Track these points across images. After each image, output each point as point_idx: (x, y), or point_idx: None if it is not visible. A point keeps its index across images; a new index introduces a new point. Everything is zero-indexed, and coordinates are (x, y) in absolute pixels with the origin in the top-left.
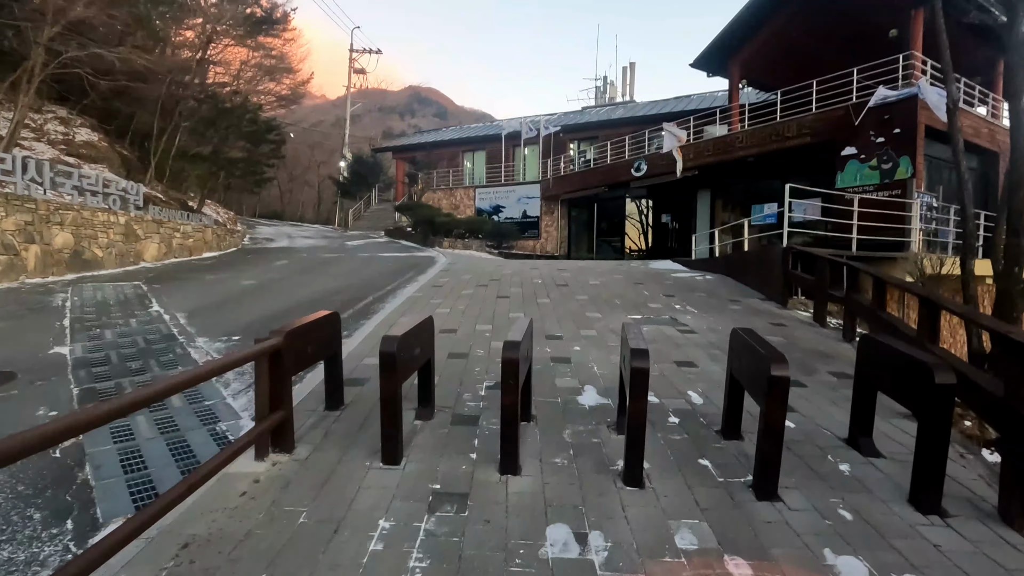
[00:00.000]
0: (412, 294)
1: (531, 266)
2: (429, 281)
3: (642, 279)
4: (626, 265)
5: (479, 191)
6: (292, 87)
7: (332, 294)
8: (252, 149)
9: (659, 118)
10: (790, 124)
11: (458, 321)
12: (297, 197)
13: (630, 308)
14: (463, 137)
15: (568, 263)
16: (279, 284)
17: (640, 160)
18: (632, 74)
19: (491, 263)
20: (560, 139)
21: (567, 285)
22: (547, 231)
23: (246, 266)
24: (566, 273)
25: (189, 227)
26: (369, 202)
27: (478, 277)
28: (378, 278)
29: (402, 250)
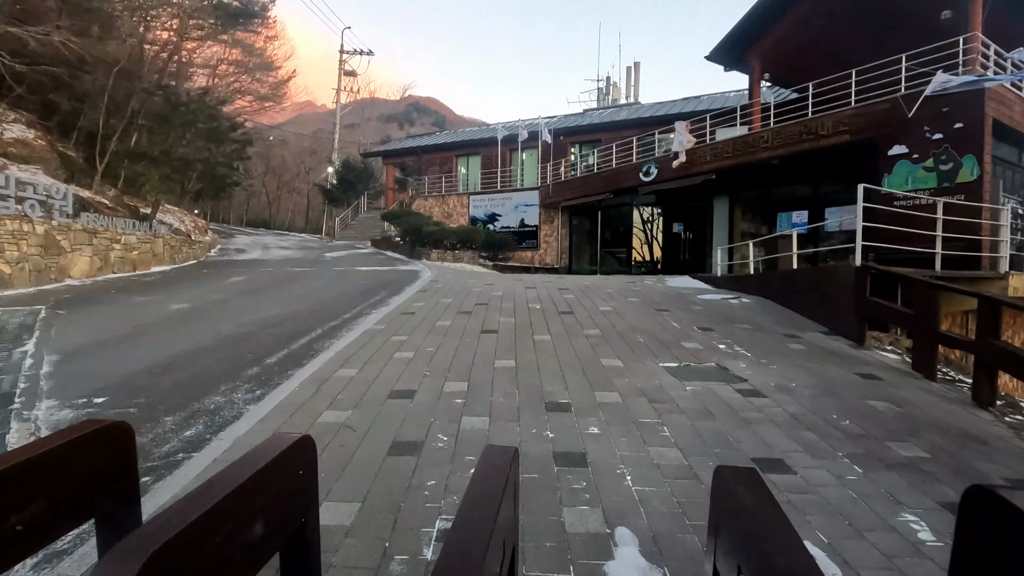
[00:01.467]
0: (372, 326)
1: (527, 284)
2: (401, 306)
3: (663, 302)
4: (638, 283)
5: (473, 198)
6: (273, 85)
7: (272, 324)
8: (212, 149)
9: (666, 119)
10: (824, 120)
11: (420, 374)
12: (286, 205)
13: (659, 349)
14: (457, 141)
15: (571, 279)
16: (216, 309)
17: (649, 163)
18: (636, 74)
19: (481, 279)
20: (560, 143)
21: (571, 312)
22: (546, 241)
23: (192, 284)
24: (569, 295)
25: (133, 238)
26: (358, 210)
27: (462, 300)
28: (341, 301)
29: (384, 263)
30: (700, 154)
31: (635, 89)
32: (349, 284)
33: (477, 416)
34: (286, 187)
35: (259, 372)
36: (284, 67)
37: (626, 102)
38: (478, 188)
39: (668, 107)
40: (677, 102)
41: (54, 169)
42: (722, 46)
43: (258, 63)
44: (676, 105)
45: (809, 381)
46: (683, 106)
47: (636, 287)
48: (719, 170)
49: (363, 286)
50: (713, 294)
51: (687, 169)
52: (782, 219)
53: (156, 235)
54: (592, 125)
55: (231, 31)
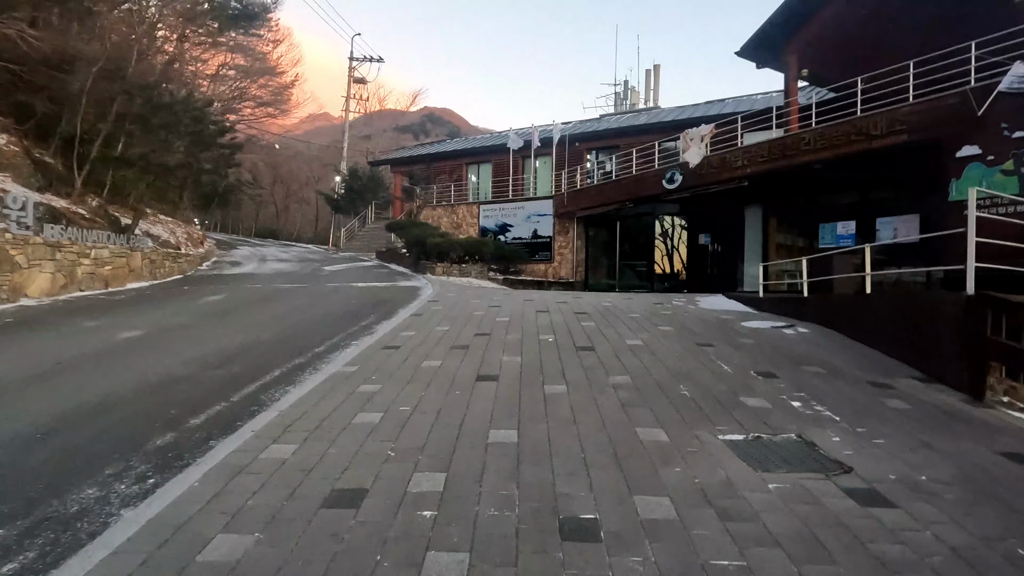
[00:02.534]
0: (343, 367)
1: (539, 305)
2: (387, 335)
3: (703, 332)
4: (667, 304)
5: (484, 208)
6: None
7: (223, 361)
8: (197, 155)
9: (689, 124)
10: (877, 119)
11: (381, 455)
12: (295, 215)
13: (714, 409)
14: (467, 148)
15: (588, 299)
16: (169, 338)
17: (674, 170)
18: (656, 78)
19: (487, 298)
20: (576, 149)
21: (592, 347)
22: (560, 253)
23: (162, 304)
24: (588, 321)
25: (106, 252)
26: (365, 220)
27: (460, 328)
28: (319, 328)
29: (383, 278)
30: (731, 159)
31: (655, 93)
32: (336, 304)
33: (450, 551)
34: (294, 197)
35: (165, 445)
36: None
37: (645, 107)
38: (489, 197)
39: (690, 111)
40: (700, 105)
41: (26, 177)
42: (754, 41)
43: (260, 67)
44: (699, 109)
45: (944, 471)
46: (706, 109)
47: (665, 310)
48: (752, 176)
49: (351, 307)
50: (759, 320)
51: (716, 175)
52: (825, 230)
53: (134, 248)
54: (610, 130)
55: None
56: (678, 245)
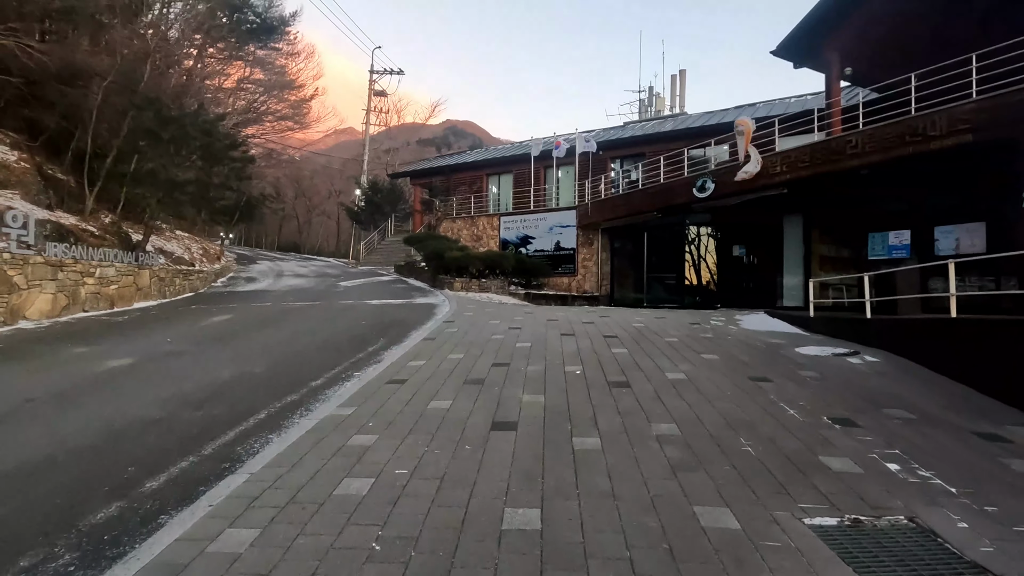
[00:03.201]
0: (336, 409)
1: (563, 327)
2: (393, 365)
3: (754, 362)
4: (704, 323)
5: (504, 219)
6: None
7: (205, 399)
8: (207, 169)
9: (718, 129)
10: (935, 118)
11: (361, 551)
12: (317, 229)
13: (790, 476)
14: (487, 159)
15: (616, 317)
16: (155, 369)
17: (705, 177)
18: (682, 83)
19: (508, 318)
20: (599, 158)
21: (627, 383)
22: (584, 266)
23: (163, 326)
24: (619, 348)
25: (112, 270)
26: (385, 233)
27: (476, 356)
28: (322, 354)
29: (400, 294)
30: (768, 165)
31: (680, 99)
32: (345, 326)
33: None
34: (316, 211)
35: (106, 522)
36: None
37: (671, 113)
38: (510, 208)
39: (720, 116)
40: (729, 110)
41: (35, 194)
42: (792, 38)
43: (279, 81)
44: (728, 114)
45: None
46: (736, 114)
47: (704, 331)
48: (792, 183)
49: (360, 329)
50: (815, 346)
51: (752, 183)
52: (875, 241)
53: (142, 266)
54: (635, 138)
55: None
56: (709, 257)
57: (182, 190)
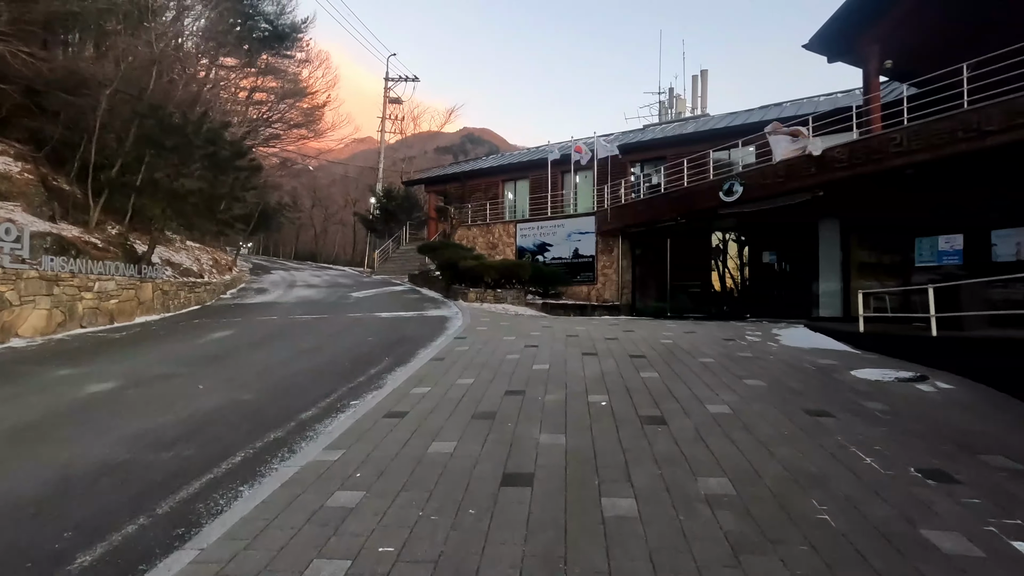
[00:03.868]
0: (321, 454)
1: (585, 344)
2: (395, 393)
3: (808, 392)
4: (740, 338)
5: (521, 226)
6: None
7: (180, 437)
8: (212, 179)
9: (743, 131)
10: (990, 112)
11: None
12: (333, 237)
13: (892, 562)
14: (503, 164)
15: (642, 331)
16: (137, 395)
17: (733, 180)
18: (704, 84)
19: (524, 333)
20: (619, 162)
21: (662, 420)
22: (604, 273)
23: (159, 343)
24: (649, 371)
25: (112, 284)
26: (399, 241)
27: (488, 382)
28: (320, 378)
29: (411, 306)
30: (800, 166)
31: (702, 100)
32: (350, 343)
33: None
34: (332, 219)
35: None
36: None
37: (692, 115)
38: (526, 215)
39: (744, 116)
40: (754, 111)
41: (37, 206)
42: (827, 31)
43: (291, 89)
44: (754, 114)
45: None
46: (762, 114)
47: (741, 349)
48: (828, 184)
49: (366, 347)
50: (872, 368)
51: (783, 185)
52: (923, 246)
53: (144, 279)
54: (655, 141)
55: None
56: (737, 264)
57: (185, 200)
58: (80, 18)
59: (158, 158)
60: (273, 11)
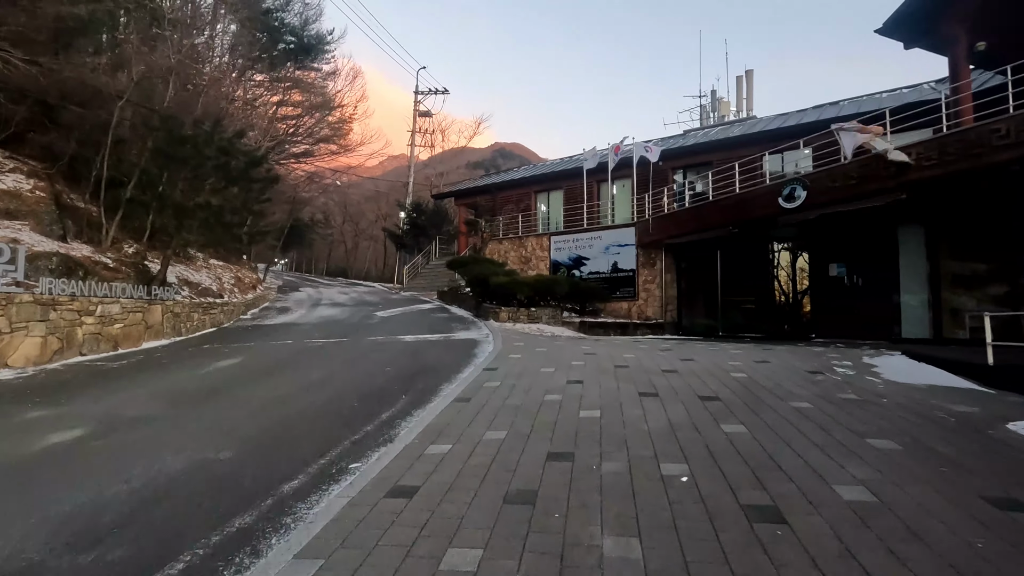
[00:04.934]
0: (286, 565)
1: (639, 379)
2: (400, 461)
3: (970, 464)
4: (830, 372)
5: (555, 239)
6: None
7: (127, 515)
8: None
9: (796, 132)
10: None
11: None
12: (363, 253)
13: None
14: (535, 175)
15: (704, 360)
16: (110, 444)
17: (794, 185)
18: (749, 85)
19: (564, 363)
20: (659, 169)
21: (781, 519)
22: (646, 289)
23: (155, 376)
24: (732, 424)
25: (116, 307)
26: (429, 256)
27: (522, 442)
28: (318, 426)
29: (439, 327)
30: (878, 166)
31: (748, 102)
32: (365, 374)
33: None
34: (363, 235)
35: None
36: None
37: (738, 117)
38: (560, 227)
39: (797, 117)
40: (807, 111)
41: (47, 224)
42: (905, 13)
43: (318, 102)
44: (806, 115)
45: None
46: (817, 114)
47: (837, 386)
48: (913, 185)
49: (382, 379)
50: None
51: (856, 188)
52: None
53: (154, 301)
54: (699, 145)
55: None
56: (799, 278)
57: (193, 216)
58: (90, 25)
59: (168, 171)
60: (298, 23)
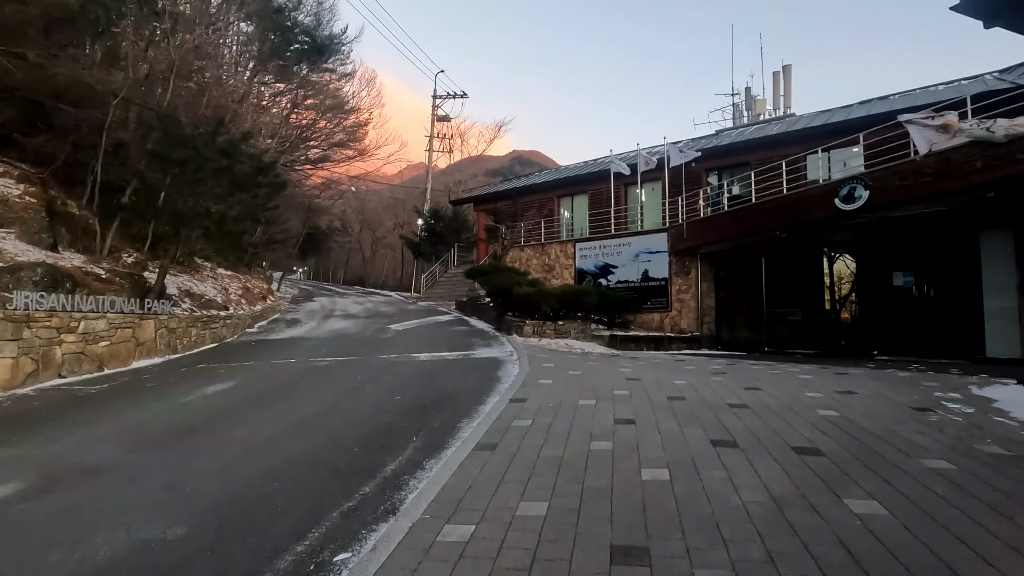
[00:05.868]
0: None
1: (705, 418)
2: (405, 552)
3: None
4: (943, 410)
5: (580, 246)
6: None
7: None
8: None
9: (842, 129)
10: None
11: None
12: (381, 261)
13: None
14: (559, 179)
15: (777, 393)
16: (29, 515)
17: (854, 183)
18: (787, 81)
19: (603, 392)
20: (692, 171)
21: None
22: (680, 299)
23: (134, 404)
24: (857, 494)
25: (102, 322)
26: (447, 264)
27: (570, 511)
28: (307, 484)
29: (457, 342)
30: (960, 160)
31: (786, 99)
32: (369, 408)
33: None
34: (381, 243)
35: None
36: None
37: (775, 115)
38: (586, 233)
39: (844, 112)
40: (854, 106)
41: (35, 232)
42: None
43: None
44: (855, 110)
45: None
46: (867, 109)
47: (970, 435)
48: (1006, 182)
49: (388, 416)
50: None
51: (931, 187)
52: None
53: (147, 315)
54: (735, 145)
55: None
56: (857, 288)
57: (189, 224)
58: (82, 16)
59: (165, 175)
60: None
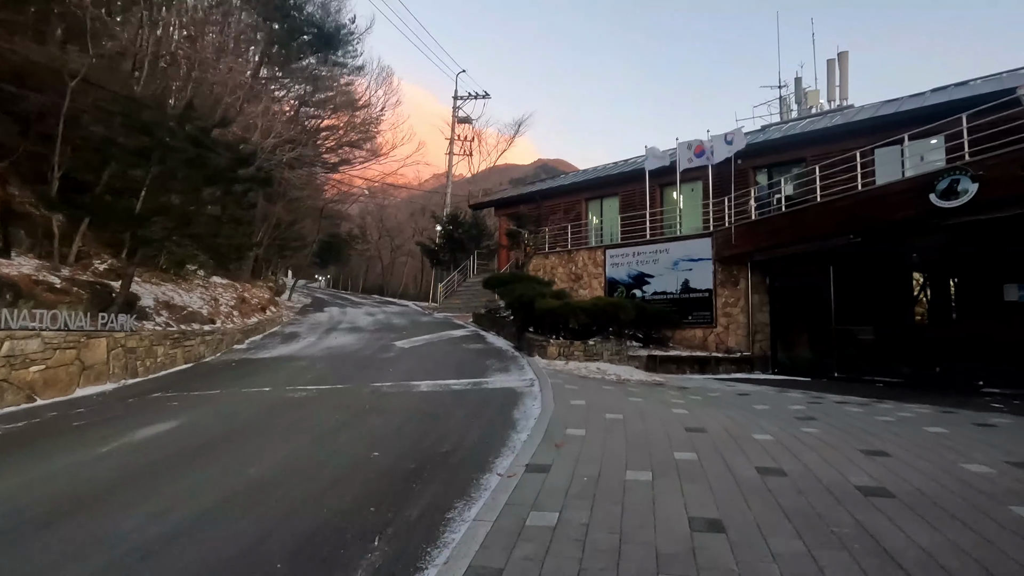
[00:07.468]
0: None
1: (832, 516)
2: None
3: None
4: None
5: (611, 253)
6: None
7: None
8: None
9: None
10: None
11: None
12: (400, 269)
13: None
14: (586, 180)
15: (900, 451)
16: None
17: (958, 175)
18: (843, 70)
19: (658, 449)
20: (738, 168)
21: None
22: (726, 313)
23: (29, 461)
24: None
25: (35, 342)
26: (466, 273)
27: None
28: None
29: (469, 366)
30: None
31: (842, 89)
32: (330, 476)
33: None
34: (400, 251)
35: None
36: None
37: (830, 108)
38: (617, 239)
39: (916, 101)
40: (924, 94)
41: None
42: None
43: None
44: (927, 98)
45: None
46: (936, 97)
47: None
48: None
49: (354, 490)
50: None
51: None
52: None
53: (99, 331)
54: (787, 139)
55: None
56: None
57: (146, 224)
58: None
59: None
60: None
